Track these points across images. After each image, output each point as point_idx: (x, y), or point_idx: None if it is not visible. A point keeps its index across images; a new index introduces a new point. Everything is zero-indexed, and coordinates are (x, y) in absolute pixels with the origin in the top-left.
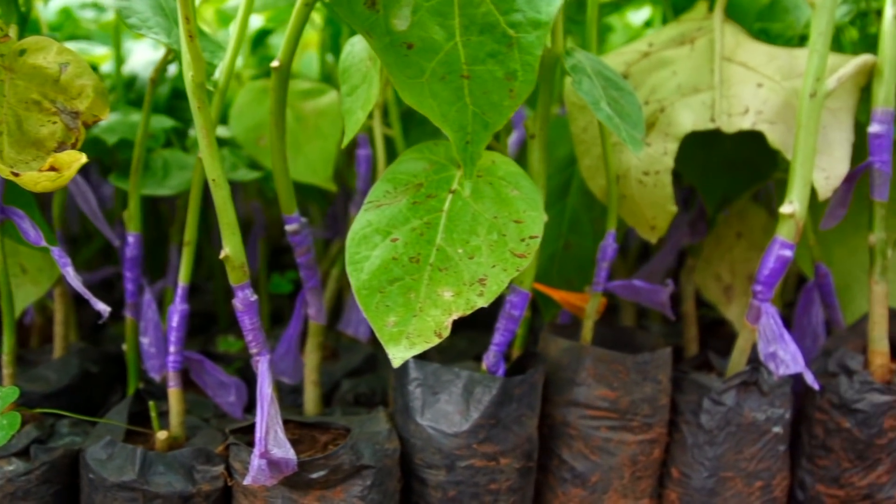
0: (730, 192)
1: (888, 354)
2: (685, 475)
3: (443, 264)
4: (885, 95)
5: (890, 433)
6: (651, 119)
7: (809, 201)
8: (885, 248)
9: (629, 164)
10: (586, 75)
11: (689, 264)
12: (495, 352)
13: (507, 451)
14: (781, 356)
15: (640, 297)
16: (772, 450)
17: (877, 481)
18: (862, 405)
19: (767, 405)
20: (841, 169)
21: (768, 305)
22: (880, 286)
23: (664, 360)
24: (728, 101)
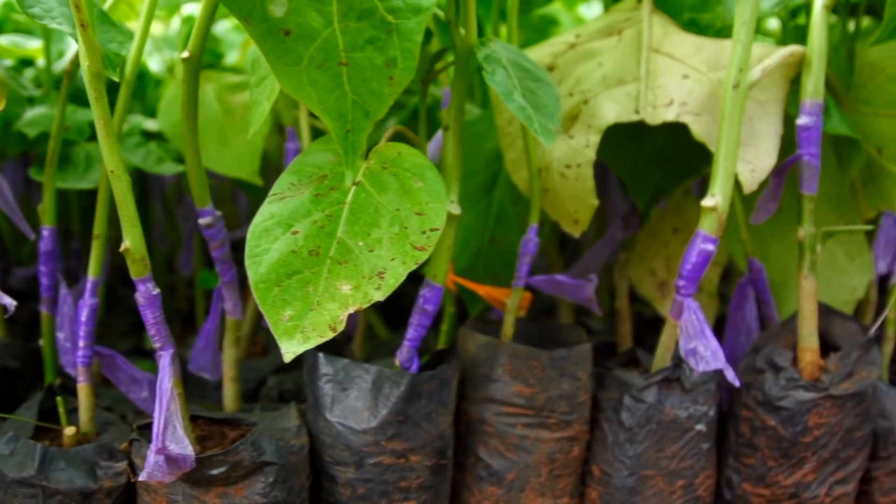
0: (662, 186)
1: (818, 351)
2: (606, 473)
3: (343, 257)
4: (813, 87)
5: (815, 431)
6: (575, 111)
7: (751, 195)
8: (814, 242)
9: (552, 156)
10: (501, 66)
11: (622, 259)
12: (408, 347)
13: (417, 448)
14: (701, 352)
15: (565, 292)
16: (694, 448)
17: (802, 480)
18: (786, 402)
19: (690, 402)
20: (767, 162)
21: (691, 301)
22: (809, 281)
23: (583, 356)
24: (653, 93)
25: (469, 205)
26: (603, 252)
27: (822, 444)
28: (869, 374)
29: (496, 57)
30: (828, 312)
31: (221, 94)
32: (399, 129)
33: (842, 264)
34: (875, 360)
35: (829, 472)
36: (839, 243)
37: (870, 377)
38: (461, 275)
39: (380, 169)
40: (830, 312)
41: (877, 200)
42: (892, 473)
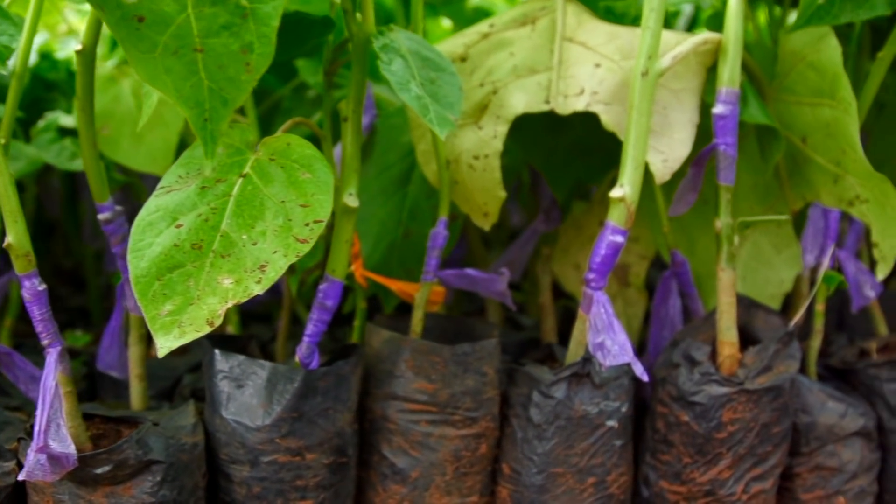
0: (584, 178)
1: (737, 345)
2: (515, 471)
3: (226, 251)
4: (729, 74)
5: (730, 427)
6: (484, 101)
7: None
8: (731, 233)
9: (461, 148)
10: (399, 56)
11: (544, 253)
12: (307, 343)
13: (314, 445)
14: (609, 346)
15: (477, 286)
16: (606, 445)
17: (718, 477)
18: (699, 397)
19: (601, 398)
20: (681, 151)
21: (601, 294)
22: (727, 273)
23: (489, 351)
24: (565, 82)
25: (383, 199)
26: (526, 246)
27: (738, 440)
28: (788, 368)
29: (395, 46)
30: (750, 305)
31: (138, 89)
32: (300, 121)
33: (769, 257)
34: (794, 354)
35: (745, 469)
36: (767, 235)
37: (788, 371)
38: (375, 270)
39: (268, 160)
40: (753, 305)
41: (803, 191)
42: (815, 469)
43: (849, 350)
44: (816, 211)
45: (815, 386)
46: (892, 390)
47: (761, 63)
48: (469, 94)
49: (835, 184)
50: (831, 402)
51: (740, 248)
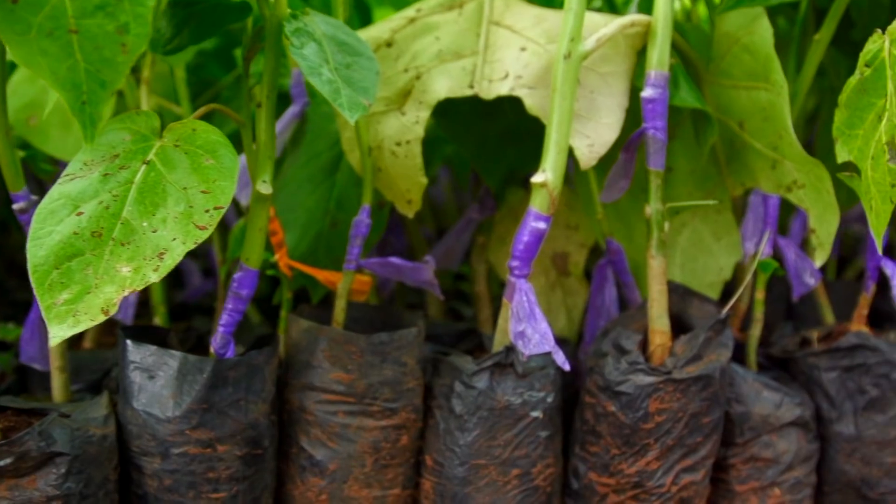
0: (517, 166)
1: (668, 334)
2: (438, 463)
3: (126, 238)
4: (658, 57)
5: (657, 417)
6: (408, 87)
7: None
8: (661, 220)
9: (384, 134)
10: (313, 40)
11: (479, 242)
12: (222, 333)
13: (225, 437)
14: (529, 335)
15: (403, 275)
16: (531, 436)
17: (646, 468)
18: (625, 387)
19: (525, 388)
20: (608, 136)
21: (523, 282)
22: (657, 261)
23: (408, 341)
24: (491, 67)
25: (312, 187)
26: (462, 235)
27: (666, 431)
28: (719, 357)
29: (308, 31)
30: (685, 294)
31: None
32: (215, 108)
33: (708, 244)
34: (726, 343)
35: (674, 460)
36: (706, 222)
37: (719, 360)
38: (303, 259)
39: (172, 147)
40: (688, 293)
41: (742, 177)
42: (750, 461)
43: (791, 339)
44: (756, 197)
45: (749, 375)
46: (831, 379)
47: (698, 47)
48: (394, 80)
49: (773, 169)
50: (766, 391)
51: (679, 236)
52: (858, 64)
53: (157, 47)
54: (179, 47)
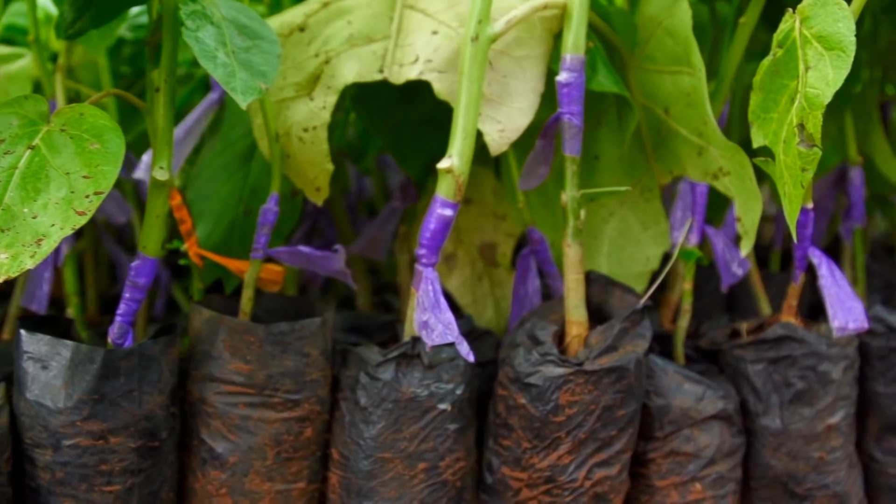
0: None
1: (586, 324)
2: (344, 456)
3: (6, 224)
4: (574, 41)
5: (568, 410)
6: (317, 72)
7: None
8: (577, 207)
9: (293, 120)
10: (211, 23)
11: (402, 232)
12: (119, 323)
13: (118, 429)
14: (433, 325)
15: (313, 264)
16: (438, 429)
17: (558, 462)
18: (535, 379)
19: (432, 380)
20: (520, 121)
21: (430, 271)
22: (573, 249)
23: (311, 331)
24: (402, 51)
25: (226, 176)
26: (386, 225)
27: (577, 424)
28: (635, 348)
29: (207, 13)
30: (607, 284)
31: None
32: (114, 92)
33: (636, 233)
34: (644, 333)
35: (587, 454)
36: (634, 211)
37: (635, 351)
38: (216, 249)
39: (58, 131)
40: (610, 284)
41: (670, 165)
42: (670, 455)
43: (721, 331)
44: (685, 185)
45: (670, 367)
46: (757, 372)
47: (623, 31)
48: (304, 65)
49: (699, 156)
50: (688, 384)
51: (606, 225)
52: (772, 45)
53: (60, 31)
54: (81, 31)
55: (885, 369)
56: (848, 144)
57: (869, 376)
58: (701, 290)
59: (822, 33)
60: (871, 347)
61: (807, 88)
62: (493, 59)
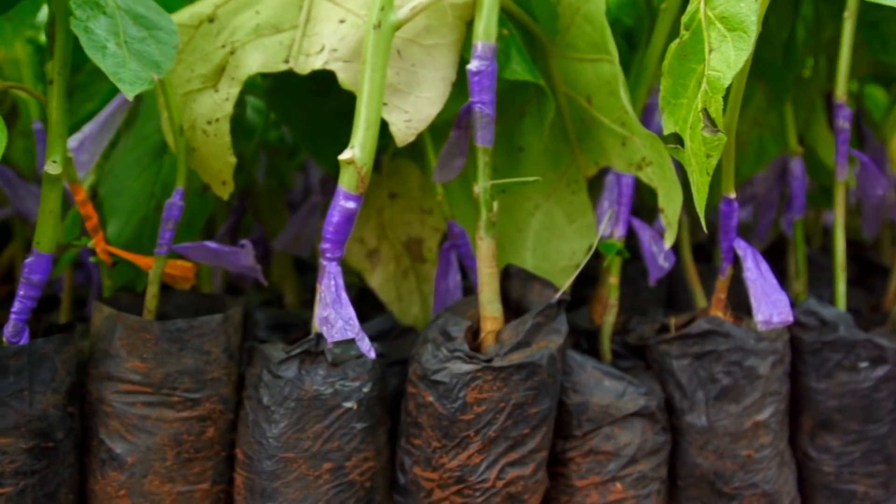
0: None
1: (500, 319)
2: (248, 457)
3: None
4: (485, 28)
5: (476, 407)
6: (222, 63)
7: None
8: (490, 199)
9: (197, 113)
10: (103, 13)
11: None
12: (14, 321)
13: (8, 429)
14: (333, 320)
15: (221, 260)
16: (344, 428)
17: (468, 462)
18: (442, 376)
19: (336, 377)
20: (428, 111)
21: (334, 265)
22: (486, 242)
23: (211, 328)
24: (309, 41)
25: (138, 171)
26: (309, 220)
27: (487, 422)
28: (549, 344)
29: (98, 3)
30: (527, 278)
31: None
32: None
33: (561, 227)
34: (559, 328)
35: (498, 454)
36: (560, 204)
37: (548, 347)
38: (128, 246)
39: None
40: (530, 278)
41: (595, 156)
42: (590, 454)
43: (649, 325)
44: (612, 176)
45: (588, 363)
46: (682, 367)
47: (544, 19)
48: (212, 56)
49: (623, 146)
50: (608, 380)
51: (532, 219)
52: (680, 27)
53: None
54: None
55: (818, 364)
56: (788, 134)
57: (801, 371)
58: (638, 284)
59: (725, 14)
60: (804, 342)
61: (709, 71)
62: (401, 48)
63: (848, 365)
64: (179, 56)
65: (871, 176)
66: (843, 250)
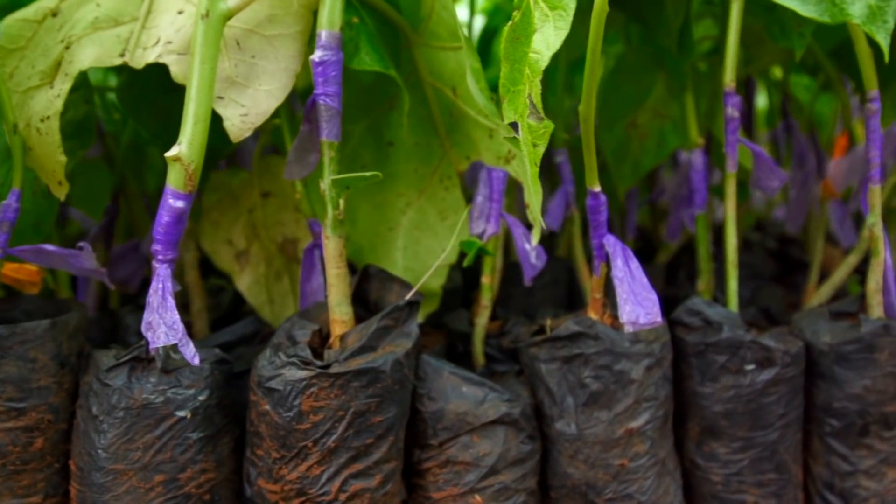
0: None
1: (350, 322)
2: (80, 468)
3: None
4: (328, 16)
5: (313, 416)
6: (59, 58)
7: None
8: (336, 196)
9: (33, 110)
10: None
11: (188, 228)
12: None
13: None
14: (156, 325)
15: (62, 263)
16: (177, 438)
17: (307, 474)
18: (276, 383)
19: (168, 385)
20: (267, 105)
21: (164, 268)
22: (332, 241)
23: (36, 334)
24: (148, 33)
25: None
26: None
27: (325, 432)
28: (396, 348)
29: None
30: (386, 279)
31: None
32: None
33: (433, 224)
34: (410, 332)
35: (340, 465)
36: (432, 202)
37: (394, 352)
38: None
39: None
40: (389, 279)
41: (466, 149)
42: (447, 464)
43: (526, 328)
44: (484, 171)
45: (445, 368)
46: (551, 371)
47: (407, 7)
48: (51, 52)
49: (490, 139)
50: (467, 386)
51: (403, 216)
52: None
53: None
54: None
55: (703, 367)
56: (689, 125)
57: (686, 375)
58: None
59: None
60: (687, 343)
61: (531, 53)
62: (241, 39)
63: (733, 368)
64: (22, 52)
65: (765, 167)
66: (734, 245)
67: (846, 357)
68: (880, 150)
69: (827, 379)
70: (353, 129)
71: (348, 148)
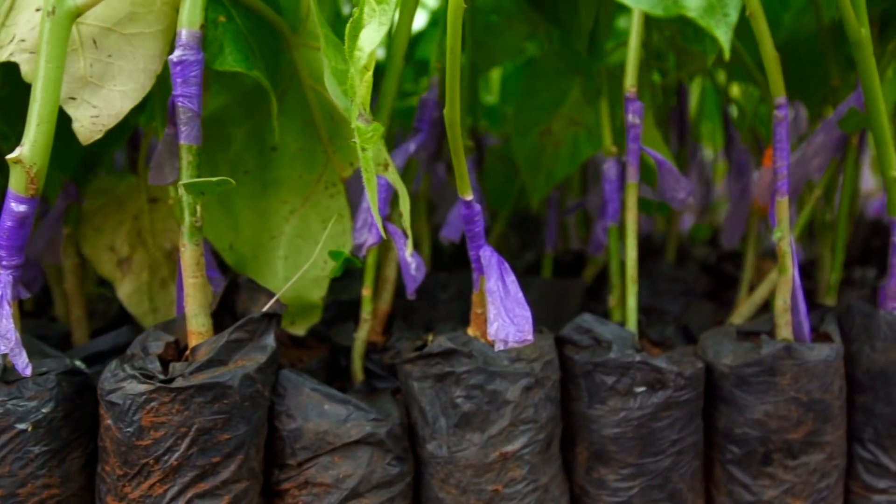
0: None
1: (208, 334)
2: None
3: None
4: (188, 14)
5: (153, 432)
6: None
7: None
8: (193, 202)
9: None
10: None
11: (66, 233)
12: None
13: None
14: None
15: None
16: (17, 451)
17: (150, 493)
18: (116, 397)
19: (8, 396)
20: (121, 106)
21: (7, 274)
22: (188, 249)
23: None
24: (7, 31)
25: None
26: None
27: (167, 449)
28: (248, 363)
29: None
30: (254, 289)
31: None
32: None
33: (315, 233)
34: (266, 346)
35: (184, 484)
36: (317, 210)
37: (245, 366)
38: None
39: None
40: (256, 290)
41: (349, 155)
42: (306, 486)
43: (410, 342)
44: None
45: (306, 385)
46: (423, 390)
47: (286, 8)
48: None
49: None
50: (329, 404)
51: (286, 224)
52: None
53: None
54: None
55: (592, 388)
56: (603, 133)
57: (574, 396)
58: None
59: None
60: (576, 363)
61: (356, 51)
62: (97, 37)
63: (622, 390)
64: None
65: (670, 178)
66: (634, 259)
67: (746, 380)
68: (787, 161)
69: (728, 403)
70: (235, 133)
71: (231, 152)
